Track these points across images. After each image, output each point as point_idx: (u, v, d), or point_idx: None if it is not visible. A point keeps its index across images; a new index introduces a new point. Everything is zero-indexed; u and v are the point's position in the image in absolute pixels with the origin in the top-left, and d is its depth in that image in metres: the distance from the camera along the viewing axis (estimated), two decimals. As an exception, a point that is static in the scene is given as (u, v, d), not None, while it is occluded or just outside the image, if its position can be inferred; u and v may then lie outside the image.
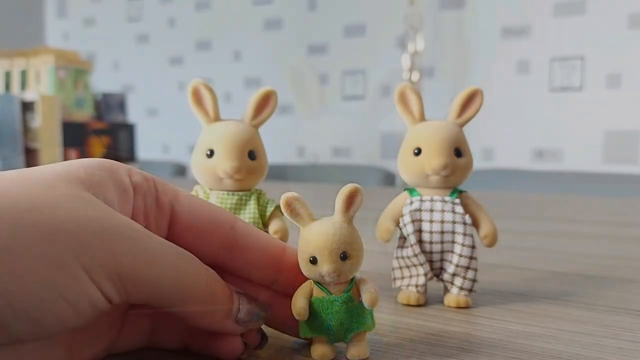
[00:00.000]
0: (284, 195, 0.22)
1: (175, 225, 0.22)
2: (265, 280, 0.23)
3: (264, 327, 0.23)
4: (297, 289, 0.22)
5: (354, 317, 0.21)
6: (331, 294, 0.21)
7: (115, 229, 0.18)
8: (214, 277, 0.21)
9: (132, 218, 0.21)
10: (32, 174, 0.18)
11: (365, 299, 0.21)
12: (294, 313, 0.22)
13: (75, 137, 1.16)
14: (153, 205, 0.21)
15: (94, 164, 0.20)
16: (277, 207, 0.30)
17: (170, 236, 0.22)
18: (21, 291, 0.16)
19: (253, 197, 0.30)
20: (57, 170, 0.19)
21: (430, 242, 0.30)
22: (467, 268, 0.30)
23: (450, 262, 0.30)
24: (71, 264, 0.17)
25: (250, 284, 0.23)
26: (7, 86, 1.24)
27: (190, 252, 0.21)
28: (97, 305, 0.18)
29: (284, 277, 0.23)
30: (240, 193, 0.30)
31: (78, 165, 0.20)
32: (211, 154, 0.29)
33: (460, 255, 0.30)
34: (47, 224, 0.16)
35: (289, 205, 0.22)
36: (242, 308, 0.21)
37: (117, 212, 0.19)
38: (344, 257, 0.21)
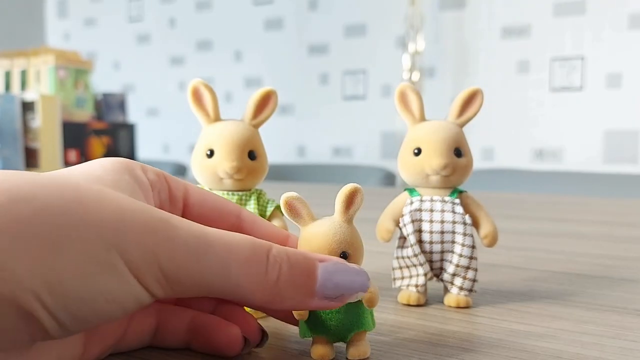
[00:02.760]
0: (284, 195, 0.22)
1: (186, 217, 0.22)
2: None
3: (264, 323, 0.23)
4: None
5: (354, 317, 0.21)
6: None
7: (152, 223, 0.17)
8: (279, 259, 0.19)
9: None
10: (64, 174, 0.18)
11: (364, 298, 0.21)
12: (294, 313, 0.21)
13: (76, 137, 1.16)
14: (167, 201, 0.22)
15: (114, 166, 0.20)
16: (277, 207, 0.30)
17: None
18: (70, 288, 0.16)
19: (253, 197, 0.30)
20: (82, 177, 0.19)
21: (430, 242, 0.30)
22: (467, 268, 0.30)
23: (450, 262, 0.30)
24: (116, 263, 0.16)
25: None
26: (7, 86, 1.25)
27: None
28: (143, 302, 0.18)
29: None
30: (240, 193, 0.30)
31: (99, 169, 0.20)
32: (211, 154, 0.29)
33: (460, 255, 0.30)
34: (88, 219, 0.16)
35: (289, 205, 0.22)
36: (331, 280, 0.19)
37: (153, 207, 0.18)
38: (343, 256, 0.21)
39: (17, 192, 0.16)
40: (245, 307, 0.24)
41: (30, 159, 1.06)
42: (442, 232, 0.30)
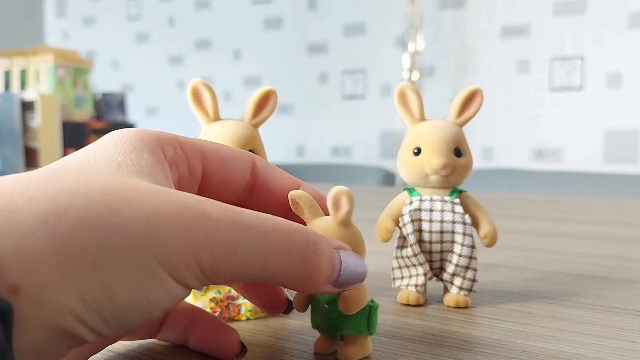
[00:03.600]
0: (291, 192, 0.22)
1: (205, 182, 0.22)
2: (279, 215, 0.24)
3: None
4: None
5: (342, 319, 0.21)
6: None
7: (190, 223, 0.17)
8: (316, 246, 0.19)
9: None
10: (85, 170, 0.17)
11: (340, 303, 0.21)
12: (294, 305, 0.22)
13: (75, 137, 1.16)
14: (186, 172, 0.21)
15: (133, 145, 0.19)
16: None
17: (201, 193, 0.22)
18: (112, 304, 0.16)
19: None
20: (105, 164, 0.18)
21: (430, 242, 0.30)
22: (467, 268, 0.30)
23: (450, 262, 0.30)
24: (156, 271, 0.16)
25: None
26: (7, 86, 1.24)
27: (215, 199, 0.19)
28: (182, 298, 0.17)
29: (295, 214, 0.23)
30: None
31: (119, 152, 0.19)
32: (211, 153, 0.29)
33: (460, 255, 0.30)
34: (124, 229, 0.16)
35: (294, 202, 0.22)
36: (345, 270, 0.19)
37: (187, 194, 0.18)
38: None
39: (53, 207, 0.15)
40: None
41: (30, 159, 1.06)
42: (442, 232, 0.30)
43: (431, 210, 0.30)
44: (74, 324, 0.15)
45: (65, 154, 1.13)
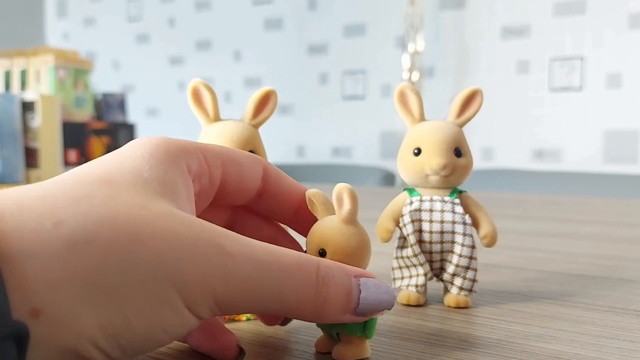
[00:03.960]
0: (307, 191, 0.23)
1: (221, 189, 0.22)
2: (282, 220, 0.25)
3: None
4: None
5: None
6: None
7: (208, 252, 0.17)
8: (326, 279, 0.19)
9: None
10: (111, 189, 0.17)
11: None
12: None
13: (75, 137, 1.16)
14: (207, 184, 0.22)
15: (159, 159, 0.19)
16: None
17: (215, 199, 0.22)
18: (129, 332, 0.16)
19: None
20: (131, 182, 0.18)
21: (430, 242, 0.30)
22: (467, 268, 0.30)
23: (450, 262, 0.30)
24: (174, 300, 0.16)
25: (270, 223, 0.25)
26: (7, 86, 1.24)
27: (225, 204, 0.20)
28: (193, 327, 0.18)
29: (300, 218, 0.24)
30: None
31: (146, 166, 0.19)
32: (211, 154, 0.29)
33: (460, 255, 0.30)
34: (148, 257, 0.16)
35: (309, 200, 0.23)
36: (365, 299, 0.19)
37: (205, 224, 0.18)
38: (322, 253, 0.21)
39: (81, 233, 0.15)
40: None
41: (30, 159, 1.06)
42: (442, 232, 0.30)
43: (431, 210, 0.30)
44: (90, 349, 0.15)
45: (65, 154, 1.13)
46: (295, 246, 0.25)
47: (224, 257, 0.17)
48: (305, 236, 0.23)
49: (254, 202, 0.24)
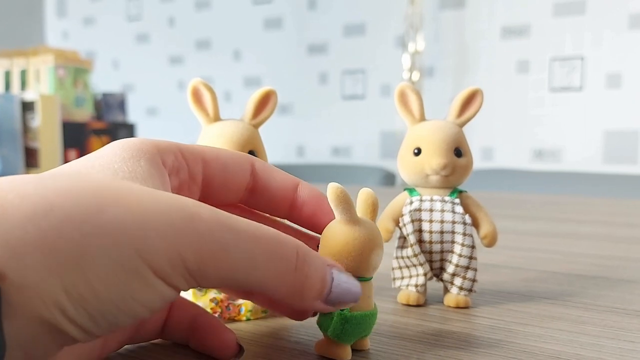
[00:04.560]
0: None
1: (206, 186, 0.22)
2: (280, 215, 0.25)
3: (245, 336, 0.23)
4: (309, 222, 0.23)
5: (323, 319, 0.22)
6: None
7: (176, 222, 0.17)
8: (307, 258, 0.19)
9: None
10: (81, 172, 0.18)
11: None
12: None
13: (75, 137, 1.16)
14: (186, 178, 0.22)
15: (131, 153, 0.20)
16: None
17: (202, 197, 0.22)
18: (96, 299, 0.16)
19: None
20: (101, 170, 0.18)
21: (430, 242, 0.30)
22: (467, 268, 0.30)
23: (450, 262, 0.30)
24: (140, 268, 0.16)
25: (267, 219, 0.25)
26: (7, 86, 1.24)
27: (214, 202, 0.20)
28: (169, 299, 0.17)
29: (297, 210, 0.24)
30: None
31: (117, 159, 0.19)
32: (211, 153, 0.29)
33: (460, 255, 0.30)
34: (109, 225, 0.16)
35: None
36: (336, 287, 0.20)
37: (179, 197, 0.18)
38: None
39: (42, 203, 0.15)
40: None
41: (30, 159, 1.06)
42: (442, 232, 0.30)
43: (431, 210, 0.30)
44: (59, 317, 0.15)
45: (65, 154, 1.13)
46: (306, 240, 0.25)
47: (197, 224, 0.17)
48: (306, 227, 0.24)
49: (247, 198, 0.24)
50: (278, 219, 0.26)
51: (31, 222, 0.15)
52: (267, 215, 0.26)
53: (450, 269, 0.30)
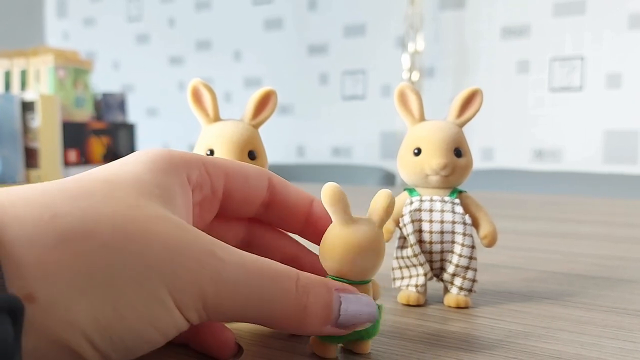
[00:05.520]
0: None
1: (225, 200, 0.23)
2: (293, 230, 0.25)
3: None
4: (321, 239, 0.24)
5: None
6: None
7: (201, 257, 0.17)
8: (306, 289, 0.20)
9: (188, 213, 0.21)
10: (110, 188, 0.18)
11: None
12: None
13: (75, 137, 1.16)
14: (209, 194, 0.22)
15: (160, 168, 0.20)
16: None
17: (221, 211, 0.23)
18: (122, 327, 0.16)
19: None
20: (130, 183, 0.18)
21: (430, 242, 0.30)
22: (467, 268, 0.30)
23: (450, 262, 0.30)
24: (165, 298, 0.17)
25: (280, 234, 0.26)
26: (7, 86, 1.24)
27: (232, 216, 0.21)
28: (181, 329, 0.18)
29: (311, 227, 0.25)
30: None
31: (147, 173, 0.19)
32: (211, 153, 0.29)
33: (460, 255, 0.30)
34: (142, 255, 0.16)
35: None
36: (344, 311, 0.20)
37: (197, 230, 0.18)
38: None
39: (77, 226, 0.16)
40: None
41: (30, 159, 1.06)
42: (442, 232, 0.30)
43: (431, 210, 0.30)
44: (81, 341, 0.15)
45: (65, 154, 1.13)
46: (316, 260, 0.25)
47: (215, 262, 0.18)
48: (318, 244, 0.23)
49: (262, 213, 0.24)
50: (289, 233, 0.26)
51: (67, 245, 0.15)
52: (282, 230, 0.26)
53: (450, 269, 0.30)
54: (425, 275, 0.30)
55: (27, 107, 1.06)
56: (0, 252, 0.14)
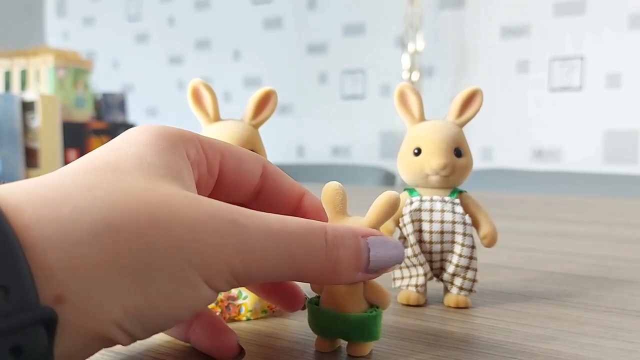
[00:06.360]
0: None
1: (219, 182, 0.23)
2: None
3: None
4: None
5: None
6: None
7: (224, 228, 0.17)
8: (336, 241, 0.19)
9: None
10: (120, 176, 0.17)
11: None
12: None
13: (75, 137, 1.16)
14: (205, 172, 0.22)
15: (162, 146, 0.20)
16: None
17: (213, 193, 0.23)
18: (153, 311, 0.16)
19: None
20: (137, 166, 0.18)
21: (430, 242, 0.30)
22: (467, 268, 0.30)
23: (450, 262, 0.30)
24: (193, 278, 0.17)
25: None
26: (7, 86, 1.24)
27: (224, 199, 0.20)
28: (210, 300, 0.18)
29: (301, 216, 0.24)
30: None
31: (150, 152, 0.19)
32: (211, 154, 0.29)
33: (460, 255, 0.30)
34: (165, 238, 0.16)
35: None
36: (374, 256, 0.20)
37: (214, 201, 0.18)
38: None
39: (100, 219, 0.15)
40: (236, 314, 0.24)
41: (30, 159, 1.06)
42: (442, 232, 0.30)
43: (431, 210, 0.30)
44: (114, 330, 0.16)
45: (65, 154, 1.13)
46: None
47: (239, 231, 0.18)
48: None
49: (252, 199, 0.24)
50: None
51: (90, 240, 0.15)
52: None
53: (450, 269, 0.30)
54: (425, 275, 0.30)
55: (27, 107, 1.06)
56: (27, 257, 0.14)
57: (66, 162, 1.14)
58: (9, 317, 0.13)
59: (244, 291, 0.27)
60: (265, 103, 0.30)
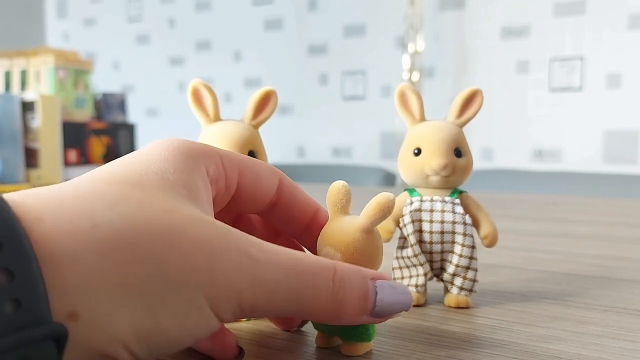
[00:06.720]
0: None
1: (235, 196, 0.23)
2: (292, 234, 0.25)
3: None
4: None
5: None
6: None
7: (236, 258, 0.17)
8: (342, 282, 0.19)
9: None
10: (142, 193, 0.17)
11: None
12: None
13: (75, 137, 1.16)
14: (222, 188, 0.22)
15: (185, 164, 0.19)
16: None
17: (229, 206, 0.23)
18: (159, 334, 0.16)
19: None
20: (159, 184, 0.18)
21: (430, 242, 0.30)
22: (467, 268, 0.30)
23: (450, 262, 0.30)
24: (202, 305, 0.17)
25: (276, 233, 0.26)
26: (7, 86, 1.24)
27: (239, 211, 0.21)
28: (214, 329, 0.18)
29: (310, 234, 0.24)
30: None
31: (172, 169, 0.19)
32: (211, 154, 0.29)
33: (460, 255, 0.30)
34: (180, 263, 0.16)
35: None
36: (380, 301, 0.20)
37: (230, 229, 0.18)
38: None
39: (115, 236, 0.15)
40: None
41: (30, 159, 1.06)
42: (442, 232, 0.30)
43: (431, 211, 0.30)
44: (121, 351, 0.16)
45: (66, 154, 1.13)
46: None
47: (251, 264, 0.18)
48: (313, 252, 0.23)
49: (266, 212, 0.24)
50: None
51: (109, 257, 0.15)
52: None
53: (450, 269, 0.30)
54: (425, 275, 0.30)
55: (27, 107, 1.06)
56: (43, 270, 0.14)
57: (66, 162, 1.14)
58: (19, 331, 0.13)
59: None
60: (265, 103, 0.30)
